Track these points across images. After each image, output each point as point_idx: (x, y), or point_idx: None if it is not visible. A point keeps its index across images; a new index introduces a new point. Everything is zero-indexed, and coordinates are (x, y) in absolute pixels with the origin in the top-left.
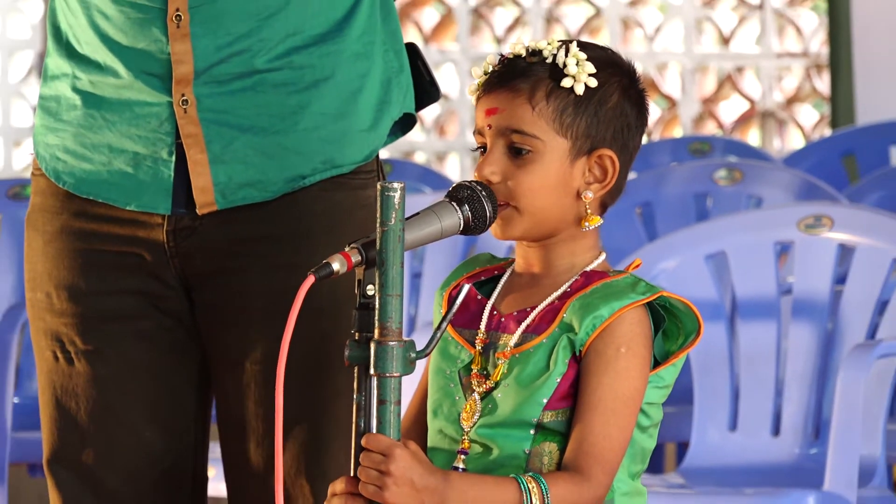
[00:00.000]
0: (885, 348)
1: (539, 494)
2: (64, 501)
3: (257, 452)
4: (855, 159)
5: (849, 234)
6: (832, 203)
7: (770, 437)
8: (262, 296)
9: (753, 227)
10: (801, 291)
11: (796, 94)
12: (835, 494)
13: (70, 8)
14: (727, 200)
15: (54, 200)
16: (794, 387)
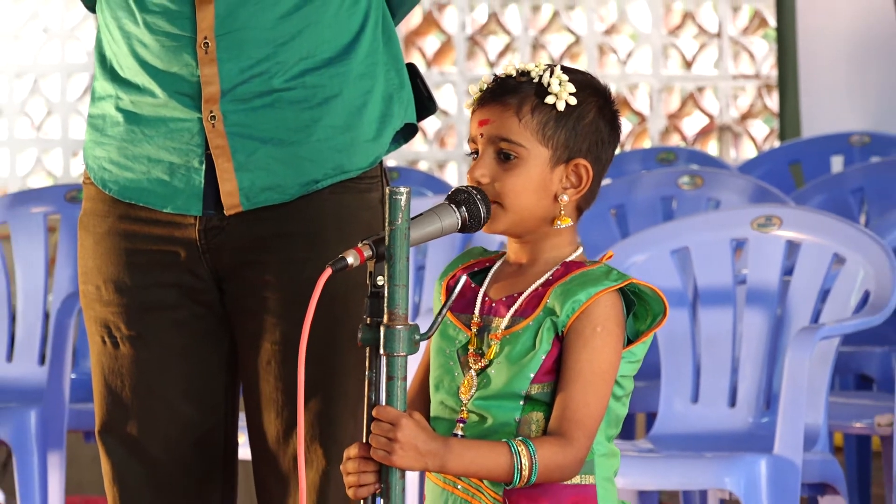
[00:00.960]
0: (827, 331)
1: (528, 456)
2: (113, 466)
3: (277, 422)
4: (800, 167)
5: (795, 232)
6: (781, 205)
7: (727, 408)
8: (281, 286)
9: (712, 226)
10: (754, 282)
11: (749, 111)
12: (783, 458)
13: (114, 38)
14: (690, 203)
15: (102, 205)
16: (747, 365)
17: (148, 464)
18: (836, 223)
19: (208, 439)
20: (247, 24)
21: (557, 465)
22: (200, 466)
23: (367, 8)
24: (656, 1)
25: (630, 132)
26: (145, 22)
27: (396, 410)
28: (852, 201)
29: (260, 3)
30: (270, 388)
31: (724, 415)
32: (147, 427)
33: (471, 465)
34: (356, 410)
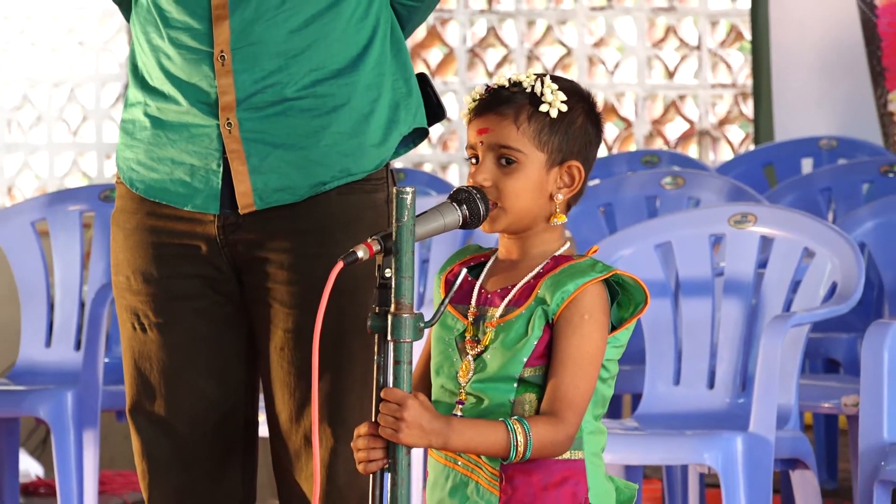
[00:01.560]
0: (798, 319)
1: (523, 433)
2: (143, 443)
3: (290, 403)
4: (774, 169)
5: (769, 229)
6: (755, 204)
7: (706, 390)
8: (292, 278)
9: (693, 223)
10: (731, 274)
11: (727, 117)
12: (757, 435)
13: (144, 50)
14: (672, 202)
15: (131, 203)
16: (725, 350)
17: (174, 440)
18: (806, 220)
19: (230, 417)
20: (260, 39)
21: (550, 442)
22: (223, 442)
23: (376, 23)
24: (641, 16)
25: (617, 136)
26: (169, 37)
27: (403, 392)
28: (821, 200)
29: (272, 19)
30: (283, 373)
31: (704, 396)
32: (173, 406)
33: (471, 442)
34: (362, 393)
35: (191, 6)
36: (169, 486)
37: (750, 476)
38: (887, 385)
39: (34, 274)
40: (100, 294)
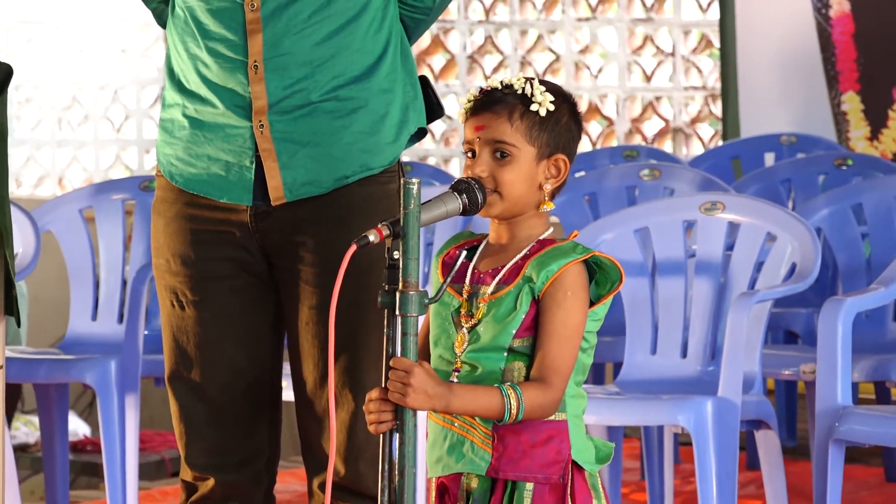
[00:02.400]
0: (761, 296)
1: (516, 398)
2: (180, 407)
3: (314, 372)
4: (739, 162)
5: (735, 215)
6: (724, 193)
7: (680, 359)
8: (316, 261)
9: (668, 210)
10: (702, 255)
11: (698, 116)
12: (725, 399)
13: (181, 57)
14: (649, 191)
15: (171, 194)
16: (696, 323)
17: (208, 404)
18: (769, 208)
19: (258, 384)
20: (289, 51)
21: (539, 405)
22: (251, 406)
23: (388, 35)
24: (622, 26)
25: (600, 133)
26: (207, 47)
27: (410, 361)
28: (782, 190)
29: (300, 33)
30: (308, 345)
31: (677, 364)
32: (208, 374)
33: (470, 405)
34: (378, 362)
35: (227, 21)
36: (204, 444)
37: (719, 435)
38: (841, 355)
39: (82, 256)
40: (140, 273)
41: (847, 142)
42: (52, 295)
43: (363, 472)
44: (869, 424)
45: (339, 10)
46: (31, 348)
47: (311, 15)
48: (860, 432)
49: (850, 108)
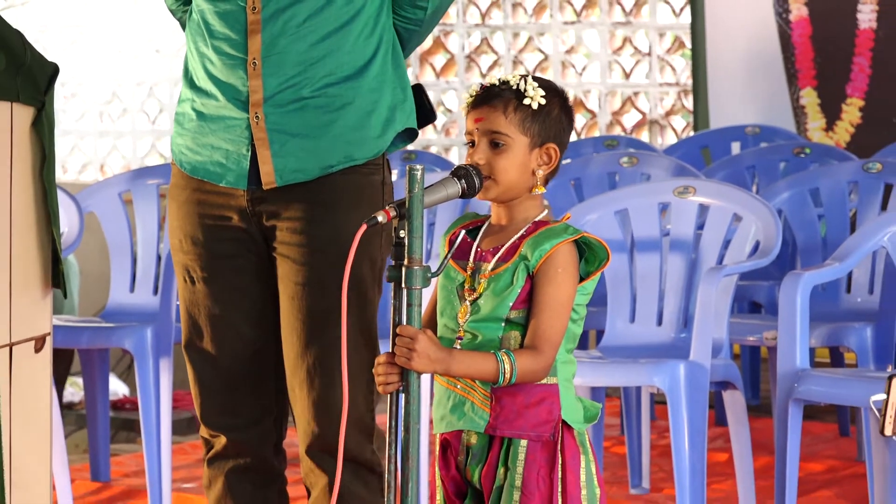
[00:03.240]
0: (728, 270)
1: (509, 363)
2: (195, 372)
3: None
4: (709, 151)
5: (705, 198)
6: (695, 178)
7: (656, 327)
8: (302, 241)
9: (645, 194)
10: (676, 234)
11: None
12: (696, 363)
13: (193, 55)
14: (628, 177)
15: (182, 181)
16: (671, 295)
17: (219, 370)
18: (735, 191)
19: (262, 351)
20: (285, 50)
21: (531, 370)
22: (257, 371)
23: (379, 41)
24: (604, 29)
25: (584, 125)
26: (213, 45)
27: (414, 328)
28: (747, 176)
29: (295, 34)
30: (293, 318)
31: (653, 331)
32: (218, 343)
33: (468, 369)
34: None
35: (230, 21)
36: (216, 405)
37: (690, 395)
38: (799, 323)
39: (121, 234)
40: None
41: (805, 132)
42: (95, 269)
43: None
44: (824, 385)
45: (332, 16)
46: (75, 317)
47: (307, 19)
48: (817, 392)
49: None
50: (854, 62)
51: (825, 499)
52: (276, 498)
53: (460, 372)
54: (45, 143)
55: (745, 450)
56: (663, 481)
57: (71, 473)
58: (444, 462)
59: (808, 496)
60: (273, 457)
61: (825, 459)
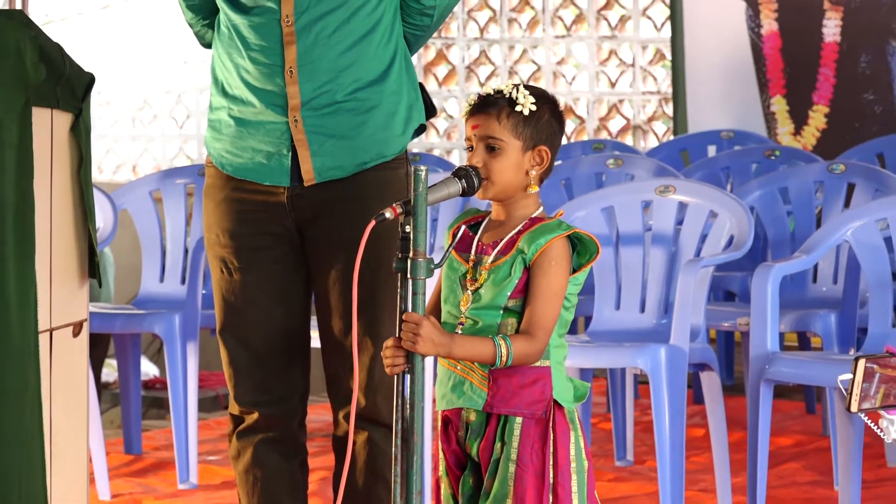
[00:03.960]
0: (705, 262)
1: (506, 347)
2: (228, 354)
3: (340, 322)
4: (688, 153)
5: (684, 196)
6: (675, 178)
7: (639, 314)
8: (340, 232)
9: (629, 192)
10: (657, 229)
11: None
12: (676, 346)
13: (226, 66)
14: (614, 177)
15: (220, 181)
16: (653, 284)
17: (252, 352)
18: (711, 190)
19: (292, 335)
20: (318, 59)
21: (525, 354)
22: (287, 352)
23: (396, 47)
24: (591, 42)
25: (573, 130)
26: (249, 56)
27: (419, 315)
28: (722, 176)
29: (325, 44)
30: (335, 301)
31: (637, 318)
32: (251, 328)
33: (468, 352)
34: (391, 316)
35: (265, 33)
36: (249, 384)
37: (670, 376)
38: (770, 310)
39: (151, 229)
40: (199, 244)
41: (775, 136)
42: (127, 261)
43: (380, 404)
44: (793, 367)
45: (357, 26)
46: (109, 305)
47: (335, 30)
48: (786, 373)
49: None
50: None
51: (793, 470)
52: (299, 468)
53: (461, 355)
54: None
55: (720, 426)
56: (646, 454)
57: (106, 447)
58: (446, 436)
59: (777, 468)
60: (298, 431)
61: (793, 434)
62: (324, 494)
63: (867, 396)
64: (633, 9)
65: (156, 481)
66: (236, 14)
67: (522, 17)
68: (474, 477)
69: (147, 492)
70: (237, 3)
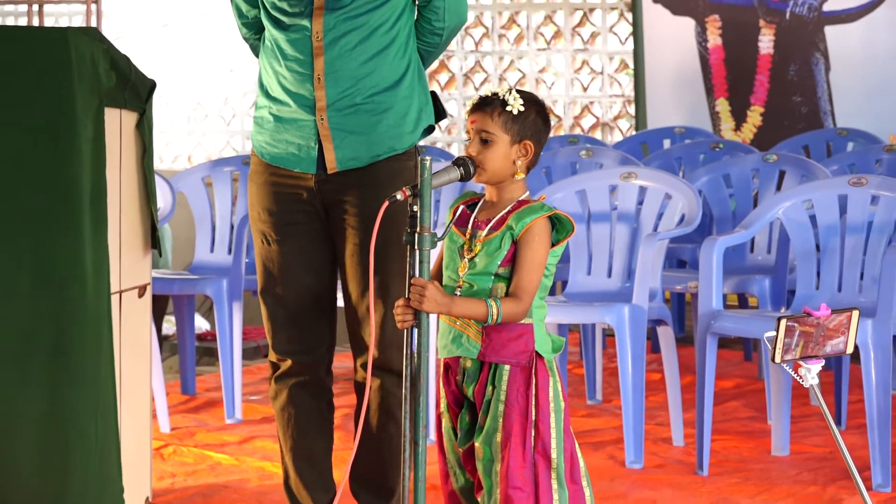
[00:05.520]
0: (662, 236)
1: (496, 307)
2: (268, 311)
3: (357, 287)
4: (647, 146)
5: (644, 181)
6: (636, 166)
7: (606, 278)
8: (358, 212)
9: (599, 178)
10: (622, 209)
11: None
12: (637, 305)
13: (268, 73)
14: (586, 165)
15: (261, 167)
16: (618, 254)
17: (287, 309)
18: (667, 176)
19: (320, 296)
20: (342, 68)
21: (513, 313)
22: (316, 310)
23: (409, 61)
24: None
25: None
26: (286, 65)
27: (425, 279)
28: (675, 165)
29: (348, 57)
30: (353, 269)
31: (605, 282)
32: (286, 289)
33: (465, 311)
34: (401, 282)
35: (299, 47)
36: (284, 336)
37: (632, 330)
38: (715, 275)
39: (203, 209)
40: (243, 220)
41: (719, 132)
42: (183, 235)
43: (392, 355)
44: (734, 322)
45: (374, 43)
46: (168, 271)
47: (356, 45)
48: (728, 328)
49: (721, 109)
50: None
51: (734, 408)
52: (326, 407)
53: (459, 313)
54: (145, 139)
55: (673, 371)
56: (612, 394)
57: (166, 388)
58: (446, 380)
59: (720, 406)
60: (325, 376)
61: (733, 378)
62: (346, 428)
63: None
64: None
65: (207, 417)
66: (277, 31)
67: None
68: (470, 414)
69: (200, 426)
70: (278, 22)
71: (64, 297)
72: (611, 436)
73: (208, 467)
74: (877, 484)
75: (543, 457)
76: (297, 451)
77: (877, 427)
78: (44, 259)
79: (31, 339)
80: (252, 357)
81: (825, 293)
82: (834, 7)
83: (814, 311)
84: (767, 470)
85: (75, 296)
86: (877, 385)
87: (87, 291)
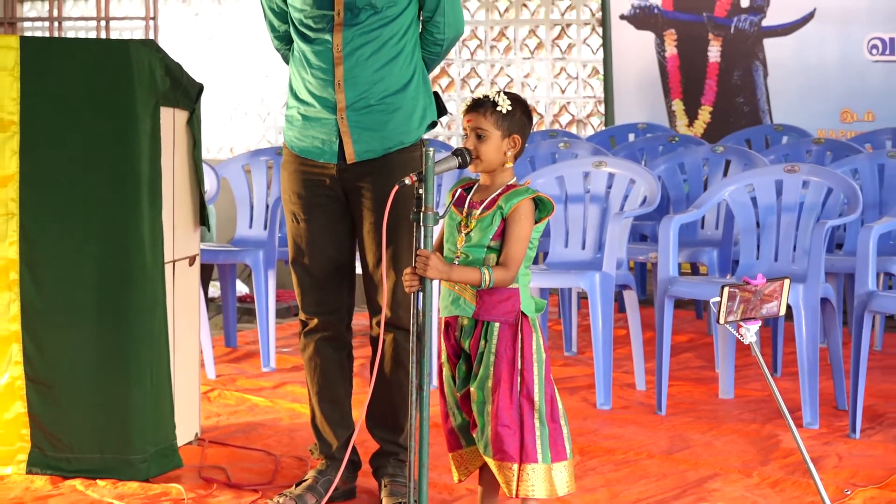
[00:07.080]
0: (627, 214)
1: (488, 274)
2: (297, 278)
3: (372, 258)
4: (615, 139)
5: (613, 169)
6: (606, 156)
7: (581, 250)
8: (372, 196)
9: (574, 166)
10: (594, 192)
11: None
12: (607, 273)
13: (297, 79)
14: (564, 155)
15: (291, 158)
16: (590, 230)
17: (314, 277)
18: (631, 164)
19: (342, 265)
20: (358, 75)
21: (502, 279)
22: (337, 277)
23: (415, 68)
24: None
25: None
26: (311, 73)
27: (429, 251)
28: (638, 155)
29: (364, 65)
30: (369, 243)
31: (579, 253)
32: (313, 260)
33: (462, 277)
34: (409, 253)
35: (322, 57)
36: (311, 299)
37: (602, 293)
38: (671, 248)
39: (243, 192)
40: (276, 202)
41: (675, 128)
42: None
43: (401, 314)
44: (687, 287)
45: (385, 53)
46: (214, 244)
47: (370, 56)
48: (682, 291)
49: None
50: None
51: (687, 358)
52: (346, 357)
53: (457, 279)
54: (195, 134)
55: (636, 328)
56: (586, 347)
57: (212, 342)
58: (447, 335)
59: (676, 357)
60: (345, 332)
61: (687, 334)
62: (363, 375)
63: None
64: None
65: (246, 366)
66: (304, 43)
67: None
68: (466, 364)
69: (240, 373)
70: (305, 36)
71: (126, 264)
72: (584, 382)
73: (247, 408)
74: (807, 422)
75: (528, 400)
76: (322, 395)
77: (807, 374)
78: (110, 232)
79: (100, 298)
80: (284, 316)
81: (764, 263)
82: (771, 23)
83: (751, 280)
84: (715, 410)
85: (135, 263)
86: (807, 339)
87: (146, 260)
